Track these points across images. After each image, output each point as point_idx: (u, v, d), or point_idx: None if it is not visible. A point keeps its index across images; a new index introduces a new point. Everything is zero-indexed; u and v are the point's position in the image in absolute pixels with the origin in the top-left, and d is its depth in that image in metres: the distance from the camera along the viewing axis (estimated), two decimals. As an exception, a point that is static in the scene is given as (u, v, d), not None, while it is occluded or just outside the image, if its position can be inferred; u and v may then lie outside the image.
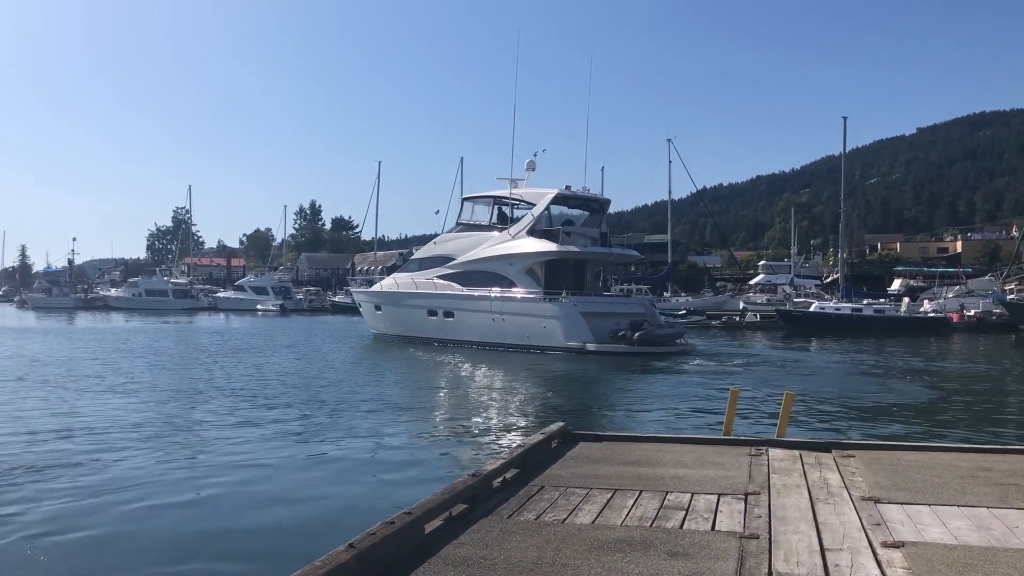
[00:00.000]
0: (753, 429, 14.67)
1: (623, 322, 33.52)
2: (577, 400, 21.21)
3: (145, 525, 9.21)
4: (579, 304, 34.23)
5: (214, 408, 18.25)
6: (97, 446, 13.55)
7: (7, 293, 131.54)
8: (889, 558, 4.18)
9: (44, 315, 78.10)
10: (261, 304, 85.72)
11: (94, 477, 11.31)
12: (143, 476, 11.45)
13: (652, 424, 16.65)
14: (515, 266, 35.89)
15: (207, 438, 14.55)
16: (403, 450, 13.94)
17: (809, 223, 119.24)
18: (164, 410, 17.92)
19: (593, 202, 38.93)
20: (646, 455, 7.18)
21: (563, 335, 33.37)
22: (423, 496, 5.14)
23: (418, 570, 4.03)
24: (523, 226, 36.65)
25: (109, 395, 20.36)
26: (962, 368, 30.24)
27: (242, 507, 9.96)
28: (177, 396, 20.32)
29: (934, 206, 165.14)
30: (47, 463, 12.14)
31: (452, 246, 39.43)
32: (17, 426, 15.60)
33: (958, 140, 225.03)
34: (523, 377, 25.70)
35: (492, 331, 35.73)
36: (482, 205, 40.08)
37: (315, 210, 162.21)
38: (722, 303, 68.44)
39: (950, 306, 55.97)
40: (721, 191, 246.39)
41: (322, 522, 9.30)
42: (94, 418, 16.49)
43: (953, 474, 6.37)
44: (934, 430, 15.99)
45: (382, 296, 42.87)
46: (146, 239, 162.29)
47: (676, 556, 4.22)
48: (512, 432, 15.28)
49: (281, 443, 14.12)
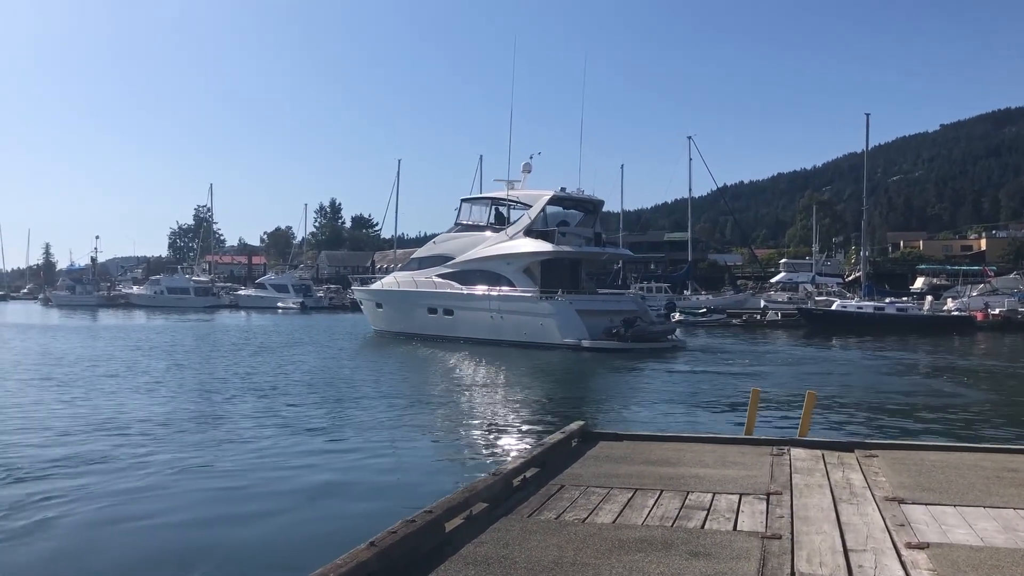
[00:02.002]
0: (774, 429, 14.58)
1: (617, 319, 34.55)
2: (589, 397, 21.26)
3: (164, 520, 9.28)
4: (575, 302, 35.34)
5: (234, 405, 18.39)
6: (121, 442, 13.70)
7: (32, 291, 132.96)
8: (914, 559, 4.14)
9: (68, 312, 78.86)
10: (282, 302, 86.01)
11: (115, 472, 11.43)
12: (163, 473, 11.55)
13: (673, 422, 16.58)
14: (512, 265, 37.00)
15: (228, 435, 14.65)
16: (422, 448, 13.99)
17: (831, 221, 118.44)
18: (186, 407, 18.06)
19: (587, 203, 40.02)
20: (667, 455, 7.14)
21: (560, 332, 34.31)
22: (443, 495, 5.15)
23: (439, 569, 4.03)
24: (520, 227, 37.81)
25: (131, 392, 20.56)
26: (987, 367, 29.92)
27: (262, 505, 10.01)
28: (199, 393, 20.47)
29: (957, 204, 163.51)
30: (75, 459, 12.28)
31: (451, 246, 40.53)
32: (39, 423, 15.77)
33: (982, 137, 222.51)
34: (530, 374, 25.93)
35: (491, 328, 36.66)
36: (480, 206, 41.35)
37: (335, 208, 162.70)
38: (743, 301, 68.02)
39: (974, 305, 55.26)
40: (742, 188, 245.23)
41: (343, 520, 9.33)
42: (119, 414, 16.69)
43: (978, 475, 6.29)
44: (959, 430, 15.82)
45: (384, 294, 43.69)
46: (168, 237, 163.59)
47: (698, 556, 4.19)
48: (528, 429, 15.27)
49: (301, 441, 14.19)
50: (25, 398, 19.54)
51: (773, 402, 18.32)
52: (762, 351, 36.19)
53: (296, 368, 26.89)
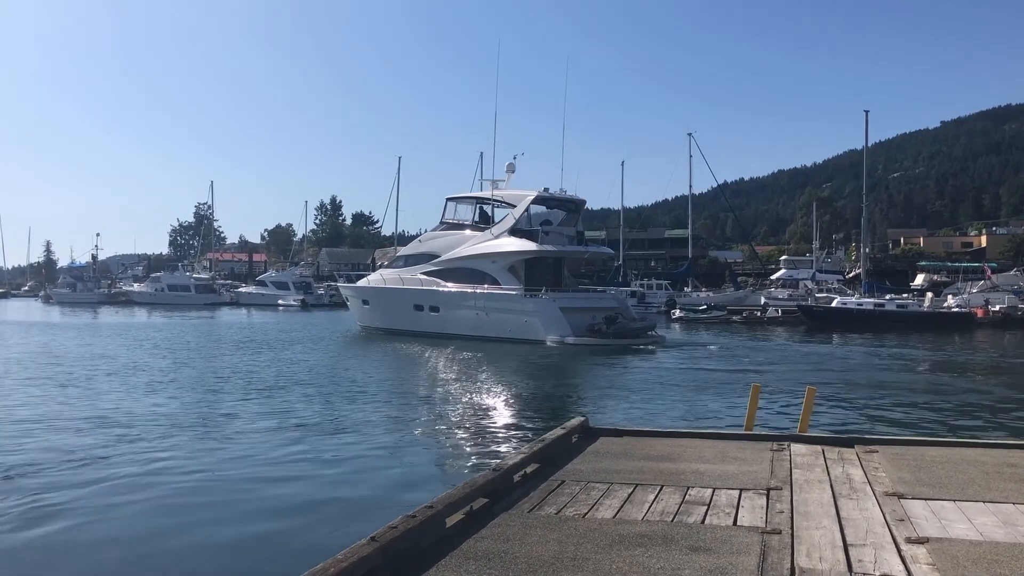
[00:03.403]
0: (773, 424, 14.58)
1: (598, 316, 35.42)
2: (583, 392, 21.25)
3: (168, 519, 9.30)
4: (558, 300, 36.15)
5: (235, 403, 18.40)
6: (122, 439, 13.72)
7: (33, 288, 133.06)
8: (913, 554, 4.15)
9: (69, 310, 78.86)
10: (282, 299, 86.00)
11: (122, 468, 11.46)
12: (165, 470, 11.57)
13: (671, 417, 16.59)
14: (497, 264, 37.79)
15: (228, 432, 14.66)
16: (422, 444, 13.99)
17: (831, 218, 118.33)
18: (187, 405, 18.09)
19: (569, 203, 40.87)
20: (667, 450, 7.15)
21: (543, 329, 35.08)
22: (444, 490, 5.16)
23: (439, 564, 4.04)
24: (505, 226, 38.62)
25: (135, 390, 20.59)
26: (987, 364, 29.91)
27: (264, 501, 10.03)
28: (199, 391, 20.50)
29: (958, 200, 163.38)
30: (82, 456, 12.30)
31: (436, 244, 41.25)
32: (42, 421, 15.79)
33: (983, 133, 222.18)
34: (520, 370, 26.19)
35: (476, 325, 37.34)
36: (465, 205, 42.16)
37: (336, 206, 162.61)
38: (743, 298, 68.03)
39: (974, 301, 55.24)
40: (742, 186, 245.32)
41: (344, 515, 9.35)
42: (122, 413, 16.71)
43: (978, 470, 6.30)
44: (958, 425, 15.83)
45: (370, 291, 44.23)
46: (168, 235, 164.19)
47: (698, 551, 4.21)
48: (524, 424, 15.28)
49: (301, 438, 14.20)
50: (26, 396, 19.55)
51: (773, 397, 18.35)
52: (761, 347, 36.19)
53: (294, 366, 26.92)
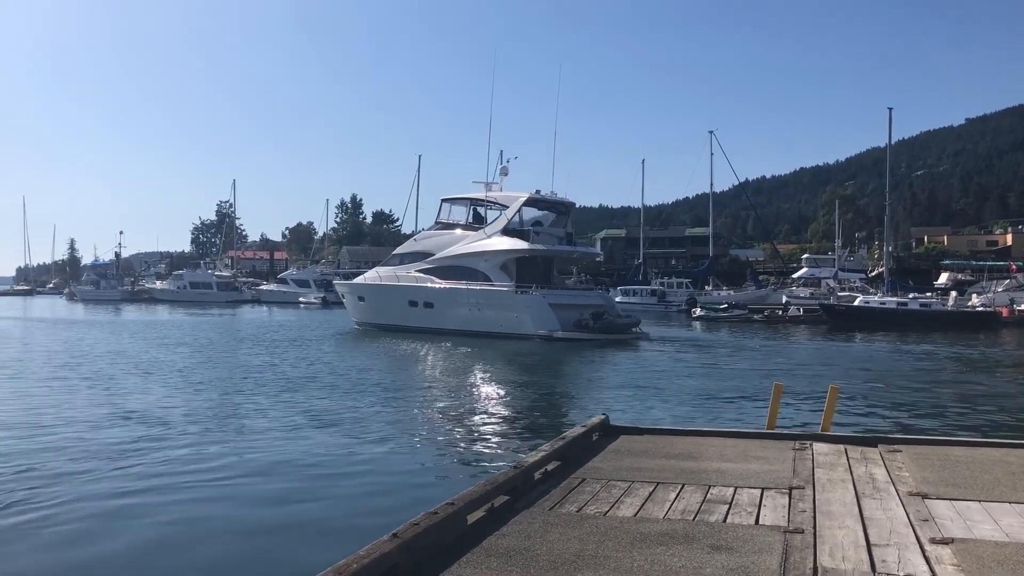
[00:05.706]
0: (796, 422, 14.49)
1: (586, 312, 37.36)
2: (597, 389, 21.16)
3: (188, 515, 9.37)
4: (547, 296, 37.71)
5: (256, 399, 18.49)
6: (148, 434, 13.84)
7: (57, 285, 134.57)
8: (938, 554, 4.11)
9: (92, 307, 79.65)
10: (303, 297, 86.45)
11: (140, 467, 11.56)
12: (186, 467, 11.65)
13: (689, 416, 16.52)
14: (490, 262, 39.33)
15: (250, 429, 14.75)
16: (440, 440, 14.00)
17: (854, 216, 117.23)
18: (209, 401, 18.21)
19: (560, 205, 42.44)
20: (688, 449, 7.13)
21: (533, 324, 36.58)
22: (465, 487, 5.17)
23: (461, 560, 4.05)
24: (498, 226, 40.17)
25: (146, 387, 20.77)
26: (1013, 363, 29.59)
27: (286, 497, 10.08)
28: (221, 388, 20.63)
29: (983, 198, 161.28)
30: (110, 451, 12.43)
31: (431, 243, 42.75)
32: (64, 417, 15.96)
33: (1008, 131, 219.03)
34: (518, 366, 26.75)
35: (469, 320, 38.69)
36: (459, 206, 43.50)
37: (356, 204, 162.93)
38: (764, 297, 67.69)
39: (999, 300, 54.65)
40: (764, 183, 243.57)
41: (365, 512, 9.38)
42: (147, 407, 16.87)
43: (1004, 470, 6.23)
44: (983, 425, 15.66)
45: (366, 288, 45.27)
46: (191, 232, 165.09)
47: (719, 550, 4.19)
48: (540, 421, 15.24)
49: (323, 434, 14.26)
50: (48, 392, 19.77)
51: (795, 396, 18.22)
52: (780, 347, 35.99)
53: (315, 363, 27.05)
